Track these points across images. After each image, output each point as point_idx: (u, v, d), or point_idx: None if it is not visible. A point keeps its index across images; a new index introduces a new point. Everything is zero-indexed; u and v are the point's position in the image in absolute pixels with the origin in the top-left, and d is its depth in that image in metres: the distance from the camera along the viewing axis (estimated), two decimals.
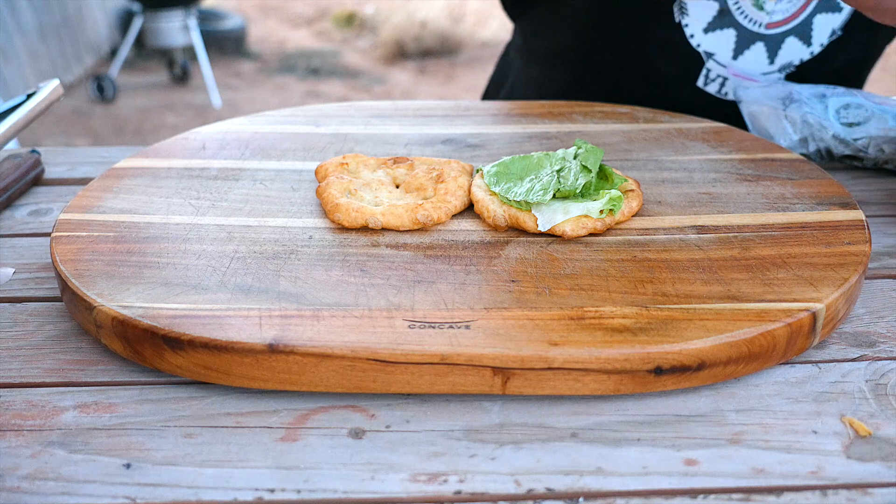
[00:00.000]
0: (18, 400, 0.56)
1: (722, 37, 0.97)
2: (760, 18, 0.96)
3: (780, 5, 0.95)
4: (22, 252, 0.75)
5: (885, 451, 0.51)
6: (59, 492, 0.49)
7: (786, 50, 0.98)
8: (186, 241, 0.68)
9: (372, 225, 0.69)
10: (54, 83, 0.90)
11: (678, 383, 0.55)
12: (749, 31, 0.97)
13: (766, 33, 0.97)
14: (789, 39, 0.97)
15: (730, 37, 0.97)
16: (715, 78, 0.99)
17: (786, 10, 0.95)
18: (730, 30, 0.97)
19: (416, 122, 0.93)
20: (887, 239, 0.75)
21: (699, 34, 0.97)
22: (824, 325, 0.59)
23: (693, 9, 0.96)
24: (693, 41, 0.98)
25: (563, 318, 0.57)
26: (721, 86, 1.00)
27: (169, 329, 0.56)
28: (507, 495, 0.48)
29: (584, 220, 0.68)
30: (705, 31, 0.97)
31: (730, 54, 0.98)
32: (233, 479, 0.49)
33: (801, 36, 0.97)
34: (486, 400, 0.56)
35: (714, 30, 0.97)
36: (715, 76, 0.99)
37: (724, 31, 0.97)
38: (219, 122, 0.93)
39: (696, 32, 0.97)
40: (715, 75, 0.99)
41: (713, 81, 1.00)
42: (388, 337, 0.55)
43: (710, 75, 0.99)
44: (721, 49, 0.98)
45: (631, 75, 1.02)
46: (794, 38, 0.97)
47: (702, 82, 1.00)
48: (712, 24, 0.97)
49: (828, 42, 0.98)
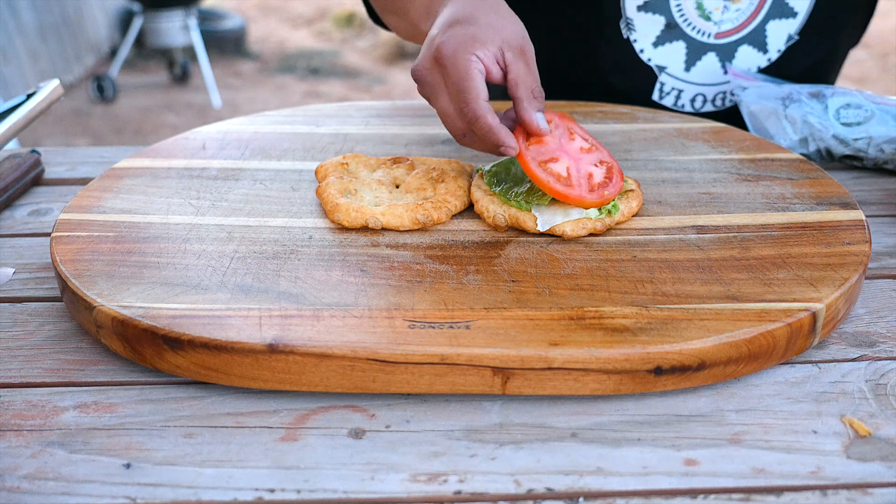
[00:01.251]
0: (18, 400, 0.56)
1: (672, 50, 0.97)
2: (709, 29, 0.96)
3: (728, 14, 0.95)
4: (22, 252, 0.75)
5: (885, 451, 0.51)
6: (59, 492, 0.49)
7: (740, 58, 0.98)
8: (186, 241, 0.67)
9: (372, 225, 0.69)
10: (54, 83, 0.90)
11: (678, 383, 0.55)
12: (699, 42, 0.97)
13: (716, 43, 0.97)
14: (742, 48, 0.97)
15: (680, 49, 0.97)
16: (670, 91, 1.00)
17: (735, 18, 0.95)
18: (679, 42, 0.97)
19: (416, 122, 0.93)
20: (887, 239, 0.75)
21: (649, 48, 0.98)
22: (824, 325, 0.59)
23: (640, 24, 0.97)
24: (643, 56, 0.98)
25: (563, 318, 0.57)
26: (677, 98, 1.00)
27: (169, 329, 0.56)
28: (507, 495, 0.48)
29: (584, 220, 0.68)
30: (654, 45, 0.97)
31: (682, 66, 0.98)
32: (233, 479, 0.49)
33: (755, 43, 0.97)
34: (486, 400, 0.56)
35: (663, 43, 0.97)
36: (670, 89, 0.99)
37: (674, 43, 0.97)
38: (219, 122, 0.93)
39: (645, 47, 0.98)
40: (669, 88, 0.99)
41: (668, 94, 1.00)
42: (388, 337, 0.55)
43: (665, 88, 1.00)
44: (672, 62, 0.98)
45: (588, 91, 1.02)
46: (748, 45, 0.97)
47: (657, 96, 1.00)
48: (661, 37, 0.97)
49: (785, 48, 0.98)
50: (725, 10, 0.94)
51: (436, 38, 0.69)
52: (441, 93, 0.70)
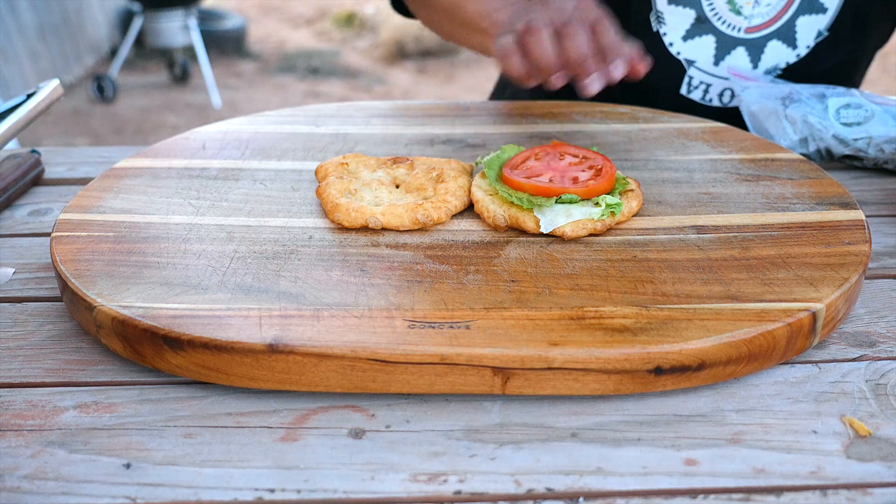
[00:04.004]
0: (18, 400, 0.56)
1: (701, 44, 0.97)
2: (739, 23, 0.95)
3: (759, 9, 0.95)
4: (22, 252, 0.75)
5: (885, 451, 0.51)
6: (59, 492, 0.49)
7: (769, 53, 0.98)
8: (186, 241, 0.67)
9: (372, 225, 0.69)
10: (54, 83, 0.90)
11: (678, 383, 0.55)
12: (729, 37, 0.96)
13: (746, 38, 0.96)
14: (772, 43, 0.97)
15: (709, 43, 0.97)
16: (698, 85, 0.99)
17: (765, 13, 0.95)
18: (709, 36, 0.96)
19: (416, 122, 0.93)
20: (887, 239, 0.75)
21: (678, 42, 0.98)
22: (824, 325, 0.59)
23: (670, 17, 0.96)
24: (672, 49, 0.98)
25: (563, 318, 0.57)
26: (705, 92, 1.00)
27: (169, 329, 0.56)
28: (507, 495, 0.48)
29: (585, 220, 0.68)
30: (684, 38, 0.97)
31: (711, 60, 0.98)
32: (233, 479, 0.49)
33: (785, 39, 0.97)
34: (486, 400, 0.56)
35: (693, 37, 0.97)
36: (698, 83, 0.99)
37: (704, 37, 0.97)
38: (219, 122, 0.93)
39: (674, 41, 0.98)
40: (698, 82, 0.99)
41: (696, 88, 1.00)
42: (388, 337, 0.55)
43: (693, 82, 0.99)
44: (701, 56, 0.98)
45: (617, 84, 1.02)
46: (778, 41, 0.96)
47: (685, 90, 1.00)
48: (690, 31, 0.97)
49: (814, 44, 0.98)
50: (756, 4, 0.94)
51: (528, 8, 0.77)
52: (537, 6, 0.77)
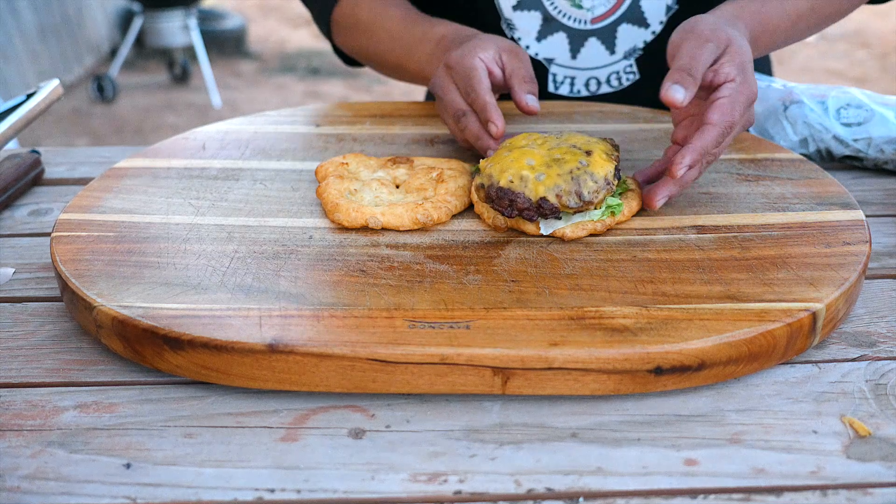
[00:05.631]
0: (18, 400, 0.56)
1: (554, 42, 0.99)
2: (583, 16, 0.96)
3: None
4: (22, 252, 0.75)
5: (885, 451, 0.51)
6: (59, 492, 0.49)
7: (622, 37, 0.98)
8: (186, 241, 0.67)
9: (372, 225, 0.69)
10: (54, 83, 0.90)
11: (678, 383, 0.55)
12: (578, 31, 0.98)
13: (595, 27, 0.97)
14: (623, 27, 0.97)
15: (562, 40, 0.98)
16: (563, 80, 1.01)
17: (606, 2, 0.96)
18: (560, 34, 0.98)
19: (417, 122, 0.93)
20: (887, 239, 0.75)
21: (533, 44, 0.99)
22: (824, 325, 0.59)
23: (519, 22, 0.98)
24: (530, 52, 0.99)
25: (563, 318, 0.57)
26: (571, 85, 1.01)
27: (169, 329, 0.56)
28: (507, 495, 0.48)
29: (585, 221, 0.68)
30: (537, 39, 0.99)
31: (568, 55, 0.99)
32: (233, 479, 0.49)
33: (634, 20, 0.97)
34: (486, 400, 0.56)
35: (545, 37, 0.98)
36: (562, 78, 1.01)
37: (555, 35, 0.98)
38: (219, 122, 0.93)
39: (530, 43, 0.99)
40: (562, 77, 1.01)
41: (563, 84, 1.01)
42: (388, 337, 0.55)
43: (557, 79, 1.01)
44: (558, 53, 0.99)
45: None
46: (628, 24, 0.97)
47: (552, 87, 1.01)
48: (542, 31, 0.98)
49: (667, 19, 0.98)
50: None
51: (446, 55, 0.82)
52: (449, 87, 0.80)
